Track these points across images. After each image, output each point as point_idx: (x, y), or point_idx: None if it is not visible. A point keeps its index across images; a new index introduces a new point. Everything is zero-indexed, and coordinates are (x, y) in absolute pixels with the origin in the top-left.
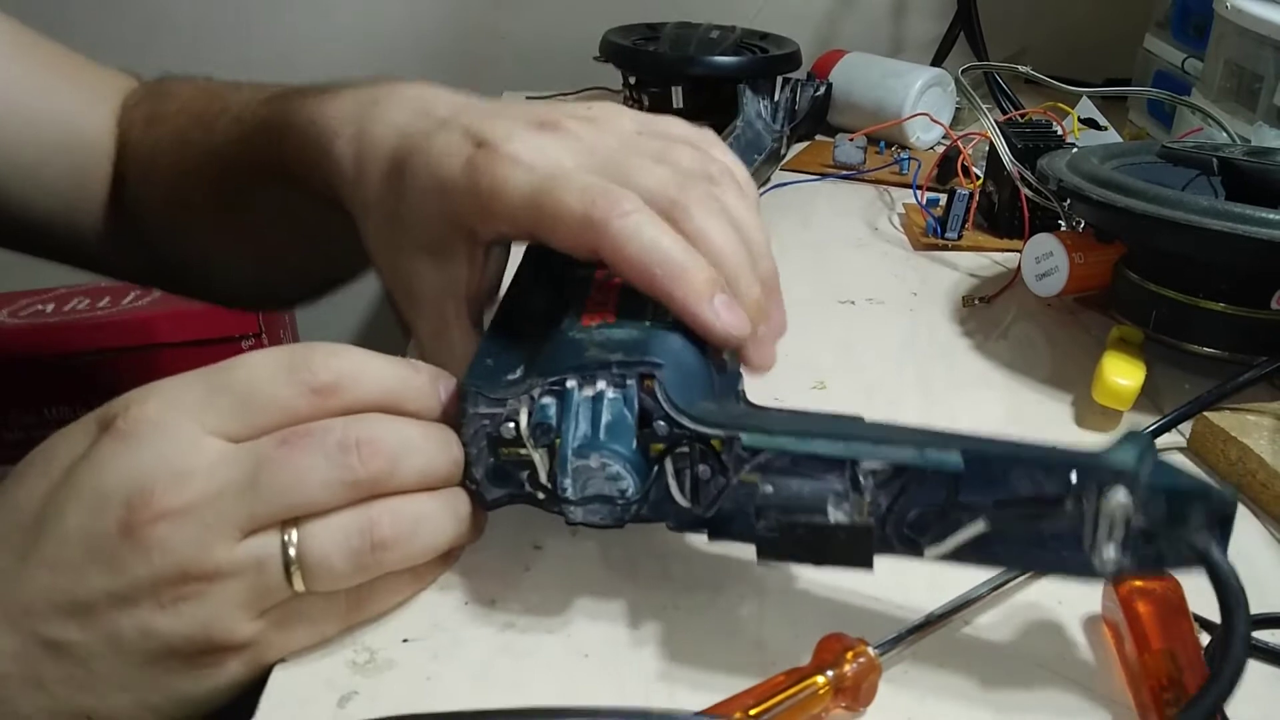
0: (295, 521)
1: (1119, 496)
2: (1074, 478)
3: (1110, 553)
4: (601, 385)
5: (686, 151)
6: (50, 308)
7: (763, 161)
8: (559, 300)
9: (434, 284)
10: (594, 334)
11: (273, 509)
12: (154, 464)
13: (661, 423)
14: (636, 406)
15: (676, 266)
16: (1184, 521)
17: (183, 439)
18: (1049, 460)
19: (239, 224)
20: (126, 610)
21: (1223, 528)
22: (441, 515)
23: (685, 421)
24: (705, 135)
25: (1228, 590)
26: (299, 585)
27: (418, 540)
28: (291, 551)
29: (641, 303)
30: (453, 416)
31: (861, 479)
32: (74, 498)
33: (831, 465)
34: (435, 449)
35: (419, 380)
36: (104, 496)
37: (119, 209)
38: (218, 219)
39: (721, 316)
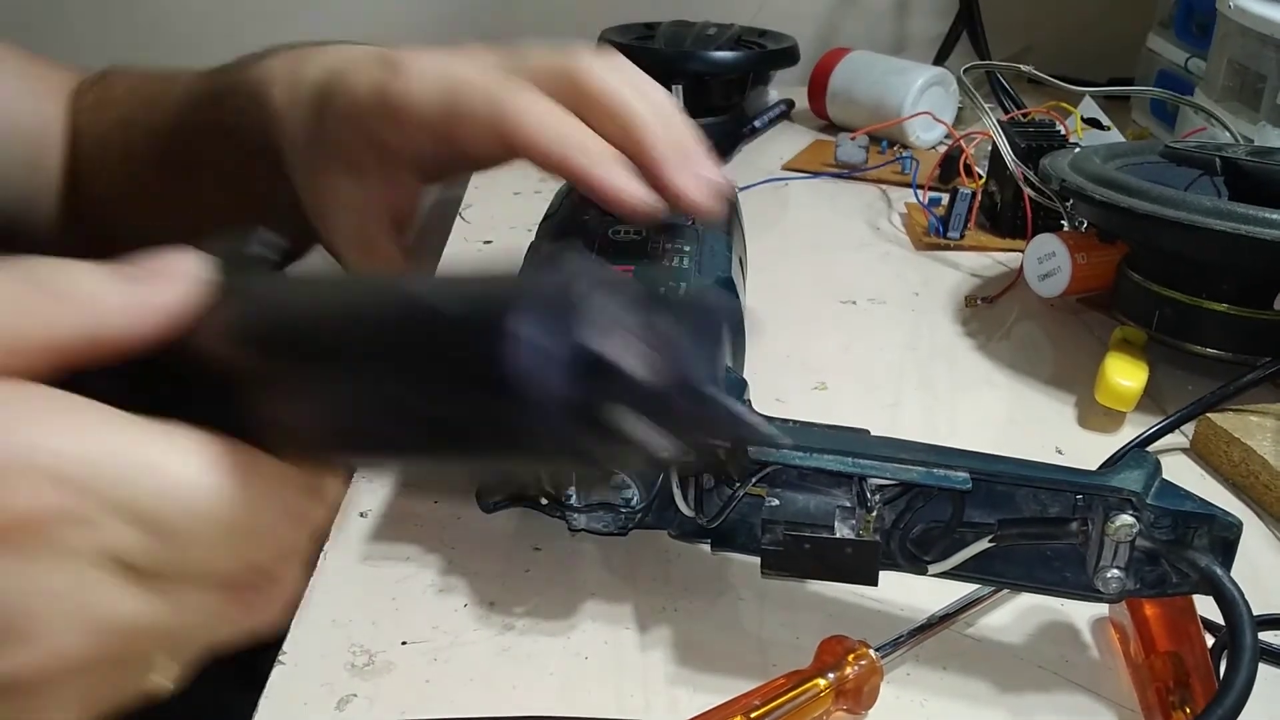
0: None
1: (1124, 519)
2: (1080, 500)
3: (1114, 574)
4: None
5: (582, 50)
6: None
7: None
8: None
9: (354, 202)
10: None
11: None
12: (48, 602)
13: None
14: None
15: (583, 148)
16: (1188, 544)
17: (88, 575)
18: (1055, 481)
19: (188, 197)
20: None
21: (1226, 553)
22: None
23: None
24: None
25: (1235, 611)
26: (156, 687)
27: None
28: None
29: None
30: None
31: (869, 495)
32: None
33: (839, 480)
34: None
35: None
36: None
37: (72, 196)
38: (167, 194)
39: (621, 190)
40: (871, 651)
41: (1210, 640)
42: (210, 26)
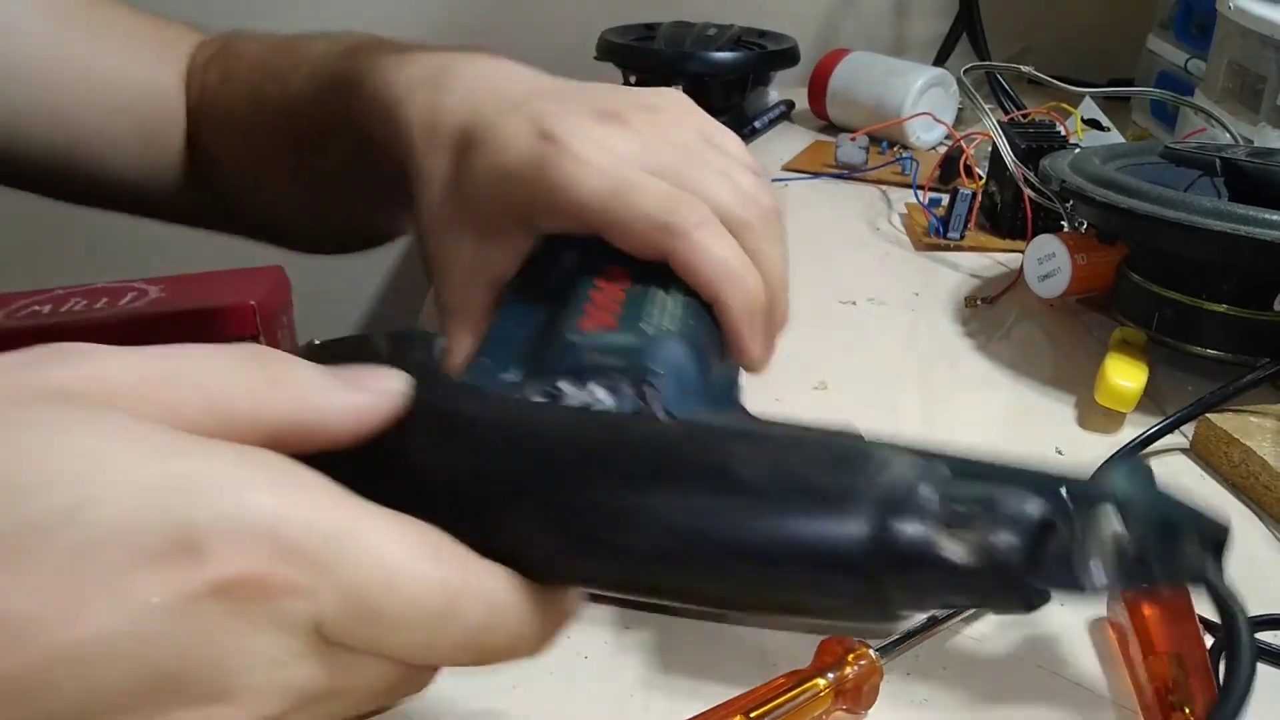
0: None
1: (1109, 520)
2: (1064, 499)
3: (1099, 573)
4: (597, 392)
5: (748, 176)
6: (47, 309)
7: None
8: (561, 304)
9: (472, 265)
10: (593, 338)
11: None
12: (263, 670)
13: None
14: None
15: (743, 284)
16: (1177, 547)
17: (299, 644)
18: (1039, 481)
19: (312, 176)
20: None
21: (1216, 554)
22: None
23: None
24: (758, 165)
25: (1230, 612)
26: None
27: None
28: None
29: (642, 312)
30: None
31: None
32: (125, 665)
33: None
34: None
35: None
36: (174, 686)
37: (194, 164)
38: (291, 171)
39: (760, 343)
40: (871, 651)
41: (1209, 640)
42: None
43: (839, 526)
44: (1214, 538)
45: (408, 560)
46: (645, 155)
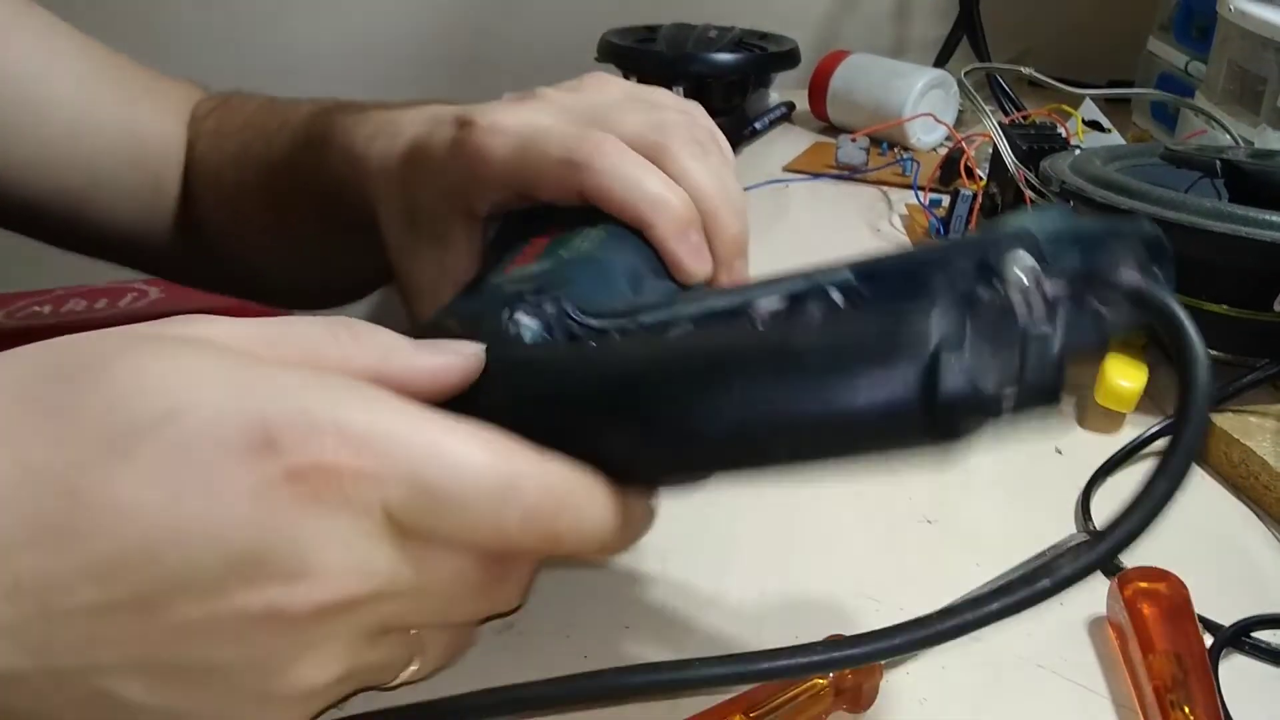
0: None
1: (1021, 259)
2: (972, 262)
3: (1040, 324)
4: (522, 319)
5: (671, 113)
6: (47, 309)
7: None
8: (496, 265)
9: (435, 275)
10: (513, 275)
11: (429, 623)
12: (334, 550)
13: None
14: (557, 329)
15: (658, 199)
16: (1108, 269)
17: (367, 527)
18: (941, 254)
19: (293, 232)
20: (227, 683)
21: (1159, 263)
22: None
23: (591, 323)
24: (693, 104)
25: (1177, 329)
26: (407, 677)
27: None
28: (422, 646)
29: (564, 246)
30: None
31: (760, 325)
32: (217, 546)
33: (730, 318)
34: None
35: (614, 542)
36: (258, 560)
37: (187, 218)
38: (273, 229)
39: (692, 254)
40: None
41: (1209, 640)
42: (209, 31)
43: (890, 382)
44: (1145, 242)
45: (463, 447)
46: (558, 114)
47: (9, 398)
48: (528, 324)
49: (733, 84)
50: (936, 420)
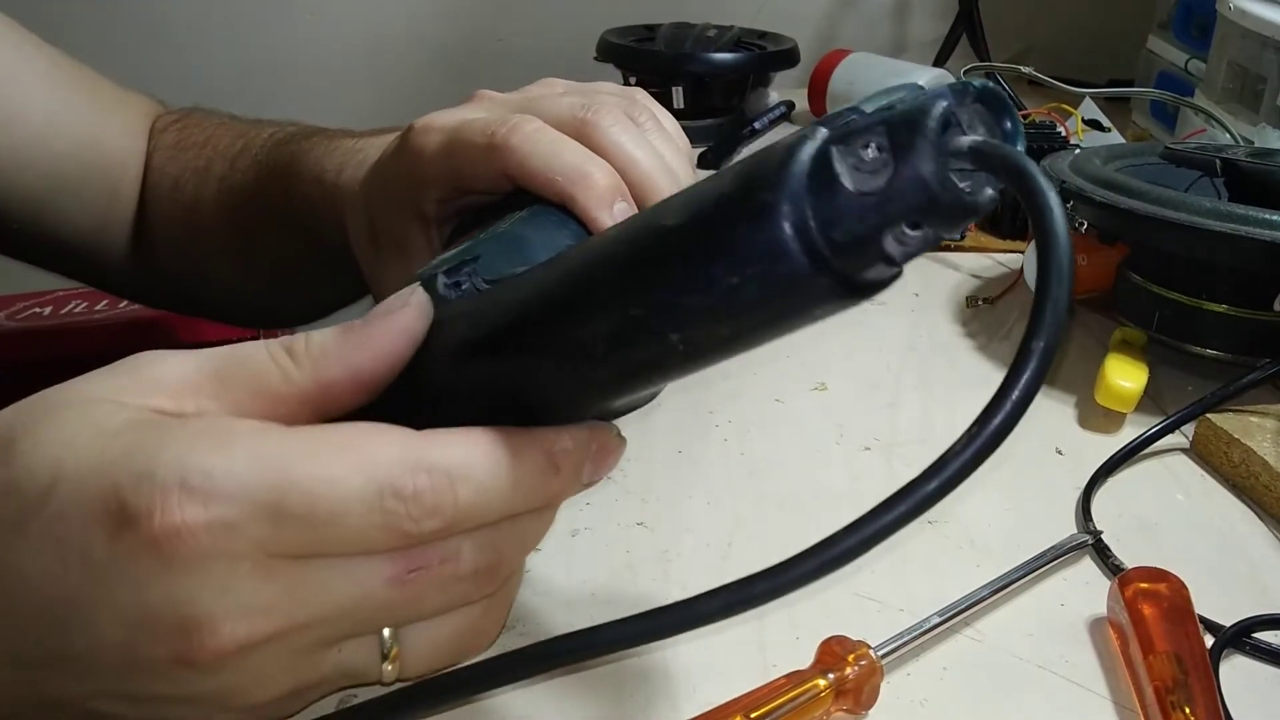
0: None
1: (809, 148)
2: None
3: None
4: (444, 293)
5: (605, 95)
6: (48, 310)
7: None
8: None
9: (400, 281)
10: (433, 262)
11: (374, 629)
12: (213, 598)
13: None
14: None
15: (576, 171)
16: (924, 141)
17: (242, 569)
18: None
19: (250, 253)
20: (187, 706)
21: (1003, 119)
22: (517, 579)
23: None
24: (638, 90)
25: (1020, 176)
26: (390, 676)
27: (503, 617)
28: (389, 647)
29: (490, 227)
30: None
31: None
32: (108, 611)
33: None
34: (538, 537)
35: (553, 487)
36: (149, 622)
37: (140, 230)
38: (231, 247)
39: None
40: (871, 651)
41: (1210, 640)
42: (209, 31)
43: (760, 242)
44: (984, 101)
45: (321, 461)
46: (491, 109)
47: None
48: (447, 294)
49: (732, 83)
50: (821, 259)
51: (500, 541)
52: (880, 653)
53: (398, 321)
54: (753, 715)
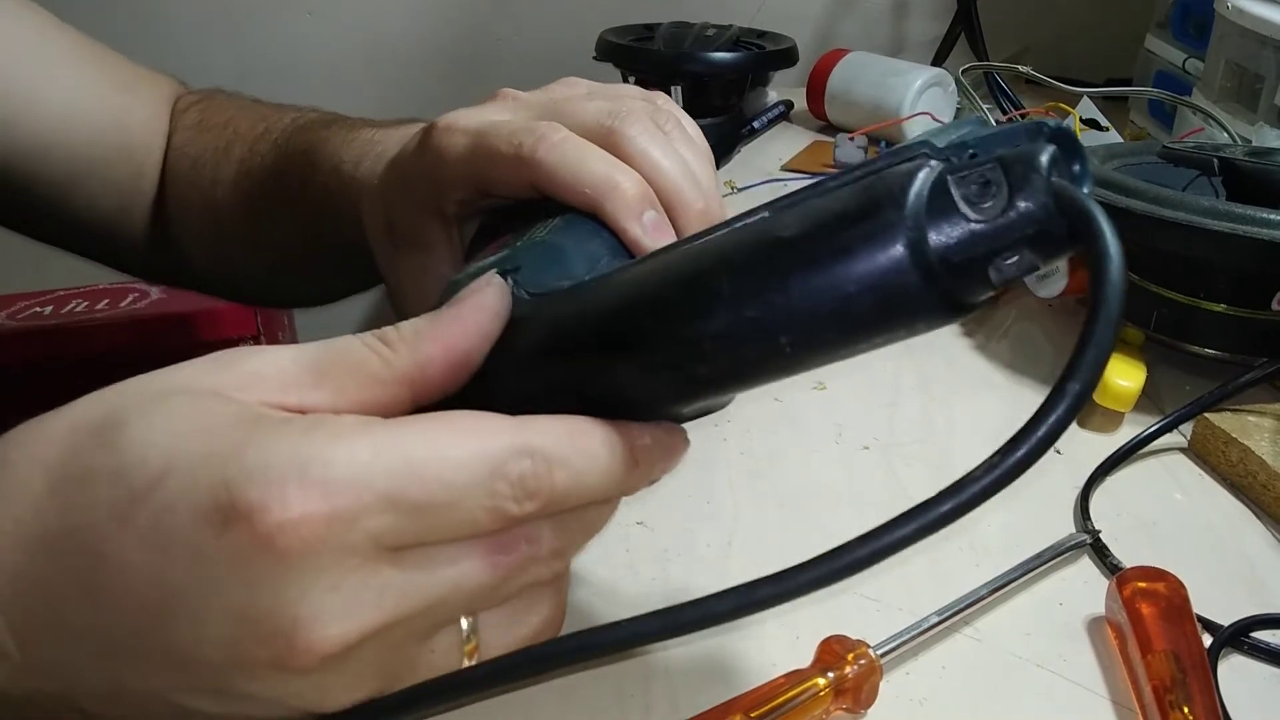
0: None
1: (916, 168)
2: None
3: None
4: None
5: (630, 101)
6: (49, 310)
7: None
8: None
9: (417, 277)
10: (469, 269)
11: (458, 616)
12: (321, 596)
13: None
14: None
15: (606, 183)
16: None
17: (352, 564)
18: (853, 178)
19: (267, 235)
20: (274, 705)
21: (1073, 160)
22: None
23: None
24: (659, 94)
25: (1088, 222)
26: (468, 662)
27: (565, 605)
28: (468, 637)
29: (525, 235)
30: None
31: (739, 224)
32: (215, 609)
33: (707, 235)
34: (602, 526)
35: (630, 480)
36: (255, 620)
37: (160, 210)
38: (248, 229)
39: (649, 233)
40: (871, 651)
41: (1208, 640)
42: (210, 30)
43: (881, 258)
44: (1061, 142)
45: (437, 447)
46: (515, 111)
47: (41, 469)
48: None
49: (731, 83)
50: (933, 278)
51: (573, 526)
52: (879, 652)
53: (484, 300)
54: (753, 715)
